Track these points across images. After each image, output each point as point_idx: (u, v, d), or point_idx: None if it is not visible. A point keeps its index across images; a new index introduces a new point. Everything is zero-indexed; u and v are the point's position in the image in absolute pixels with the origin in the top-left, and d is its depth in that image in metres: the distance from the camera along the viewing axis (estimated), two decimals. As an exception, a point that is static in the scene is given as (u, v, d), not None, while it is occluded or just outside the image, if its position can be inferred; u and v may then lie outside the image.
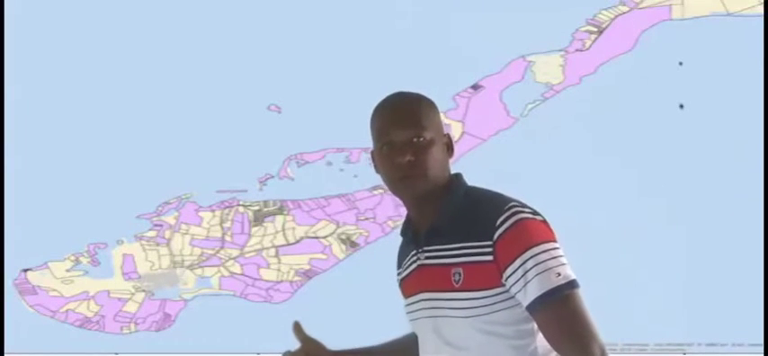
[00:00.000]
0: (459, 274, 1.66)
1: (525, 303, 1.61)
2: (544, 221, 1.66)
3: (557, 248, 1.63)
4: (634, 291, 3.09)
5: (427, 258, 1.73)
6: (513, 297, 1.63)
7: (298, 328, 1.82)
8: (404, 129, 1.70)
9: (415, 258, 1.76)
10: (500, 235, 1.62)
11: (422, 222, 1.75)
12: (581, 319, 1.58)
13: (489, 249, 1.63)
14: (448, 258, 1.68)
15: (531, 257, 1.60)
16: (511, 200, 1.67)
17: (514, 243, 1.61)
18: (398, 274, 1.88)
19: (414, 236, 1.77)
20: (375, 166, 1.80)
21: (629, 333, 3.15)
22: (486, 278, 1.63)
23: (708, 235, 3.12)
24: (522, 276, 1.60)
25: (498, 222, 1.63)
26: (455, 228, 1.68)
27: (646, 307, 3.12)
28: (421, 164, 1.69)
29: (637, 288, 3.09)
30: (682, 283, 3.13)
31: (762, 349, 3.04)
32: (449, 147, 1.76)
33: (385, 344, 1.95)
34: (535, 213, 1.66)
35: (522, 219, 1.63)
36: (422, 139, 1.70)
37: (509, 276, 1.61)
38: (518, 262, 1.60)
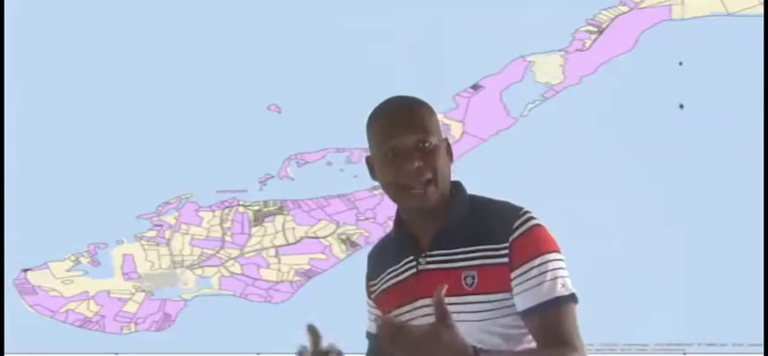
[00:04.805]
0: (473, 277, 1.64)
1: (527, 304, 1.61)
2: (550, 233, 1.67)
3: (563, 260, 1.65)
4: (634, 291, 3.08)
5: (430, 263, 1.69)
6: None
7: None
8: (410, 134, 1.65)
9: (412, 264, 1.72)
10: (516, 237, 1.63)
11: (424, 229, 1.71)
12: (575, 330, 1.61)
13: (505, 251, 1.63)
14: (458, 261, 1.66)
15: (545, 263, 1.61)
16: (521, 206, 1.68)
17: (530, 245, 1.62)
18: (375, 284, 1.83)
19: (411, 242, 1.73)
20: (371, 172, 1.75)
21: (629, 334, 3.15)
22: (502, 280, 1.63)
23: (708, 235, 3.12)
24: (534, 277, 1.61)
25: (515, 225, 1.64)
26: (465, 233, 1.66)
27: (646, 306, 3.11)
28: (430, 169, 1.65)
29: (637, 288, 3.08)
30: (682, 283, 3.13)
31: (762, 349, 3.03)
32: (449, 152, 1.73)
33: None
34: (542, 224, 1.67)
35: (537, 225, 1.65)
36: (428, 144, 1.66)
37: (518, 275, 1.61)
38: (530, 263, 1.61)
